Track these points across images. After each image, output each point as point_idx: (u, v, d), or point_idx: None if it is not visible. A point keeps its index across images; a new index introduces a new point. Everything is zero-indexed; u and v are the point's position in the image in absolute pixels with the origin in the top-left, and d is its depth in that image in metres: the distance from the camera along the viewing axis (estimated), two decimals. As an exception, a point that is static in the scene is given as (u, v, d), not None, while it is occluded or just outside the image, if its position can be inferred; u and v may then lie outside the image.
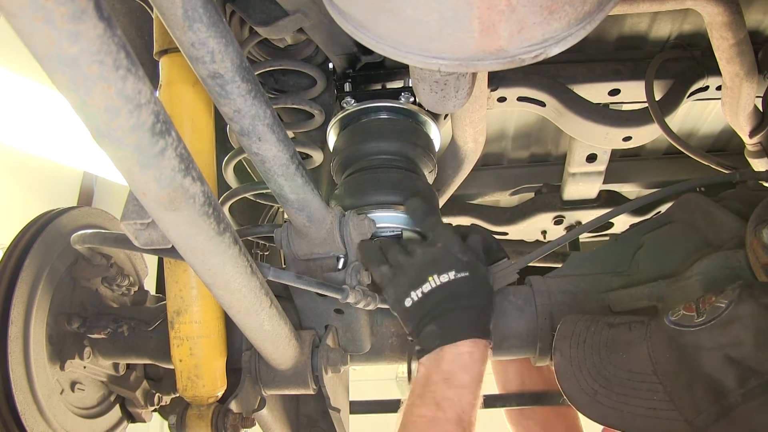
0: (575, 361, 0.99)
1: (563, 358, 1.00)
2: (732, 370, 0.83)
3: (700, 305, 0.92)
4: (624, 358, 0.95)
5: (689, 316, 0.92)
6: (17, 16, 0.44)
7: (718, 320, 0.88)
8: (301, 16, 1.23)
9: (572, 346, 1.01)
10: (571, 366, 0.99)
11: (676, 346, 0.90)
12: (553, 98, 1.74)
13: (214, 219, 0.75)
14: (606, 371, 0.95)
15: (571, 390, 0.97)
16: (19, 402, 1.17)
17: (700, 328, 0.89)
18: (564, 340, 1.03)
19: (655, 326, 0.96)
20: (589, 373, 0.96)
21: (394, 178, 1.35)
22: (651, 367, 0.91)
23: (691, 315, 0.92)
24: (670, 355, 0.90)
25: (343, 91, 1.48)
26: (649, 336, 0.95)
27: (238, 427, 1.18)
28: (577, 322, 1.06)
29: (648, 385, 0.90)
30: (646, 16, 1.68)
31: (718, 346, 0.85)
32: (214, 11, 0.76)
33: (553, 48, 0.72)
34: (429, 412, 0.96)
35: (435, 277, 1.06)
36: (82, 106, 0.53)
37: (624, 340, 0.97)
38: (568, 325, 1.06)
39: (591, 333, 1.02)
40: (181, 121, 1.14)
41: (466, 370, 1.00)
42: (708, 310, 0.90)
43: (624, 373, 0.93)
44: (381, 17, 0.72)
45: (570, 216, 2.28)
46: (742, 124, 1.74)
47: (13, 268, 1.23)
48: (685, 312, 0.93)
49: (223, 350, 1.22)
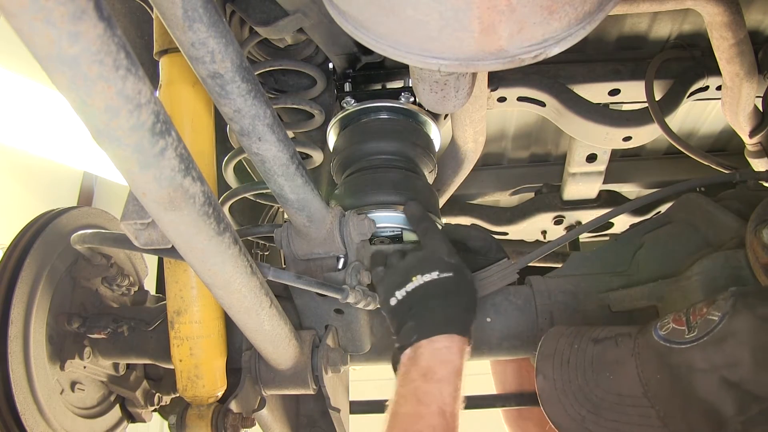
0: (560, 384, 0.93)
1: (546, 382, 0.94)
2: (729, 394, 0.76)
3: (690, 318, 0.85)
4: (611, 380, 0.89)
5: (679, 331, 0.85)
6: (17, 16, 0.44)
7: (710, 336, 0.80)
8: (301, 16, 1.23)
9: (555, 367, 0.95)
10: (556, 390, 0.92)
11: (667, 366, 0.83)
12: (553, 98, 1.74)
13: (214, 219, 0.75)
14: (593, 395, 0.88)
15: (557, 416, 0.91)
16: (19, 402, 1.17)
17: (691, 345, 0.81)
18: (546, 361, 0.97)
19: (644, 342, 0.89)
20: (575, 398, 0.90)
21: (394, 178, 1.35)
22: (641, 389, 0.85)
23: (681, 330, 0.85)
24: (661, 376, 0.84)
25: (343, 91, 1.48)
26: (638, 352, 0.88)
27: (238, 427, 1.18)
28: (560, 338, 1.00)
29: (639, 409, 0.84)
30: (646, 16, 1.68)
31: (712, 367, 0.78)
32: (214, 11, 0.76)
33: (553, 48, 0.72)
34: (411, 407, 0.94)
35: (419, 276, 1.07)
36: (82, 106, 0.53)
37: (610, 359, 0.91)
38: (551, 341, 1.00)
39: (575, 351, 0.96)
40: (181, 121, 1.14)
41: (444, 364, 0.98)
42: (700, 324, 0.83)
43: (612, 397, 0.87)
44: (381, 17, 0.72)
45: (570, 216, 2.28)
46: (742, 124, 1.74)
47: (13, 268, 1.23)
48: (675, 326, 0.86)
49: (223, 350, 1.22)
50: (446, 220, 2.32)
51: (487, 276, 1.21)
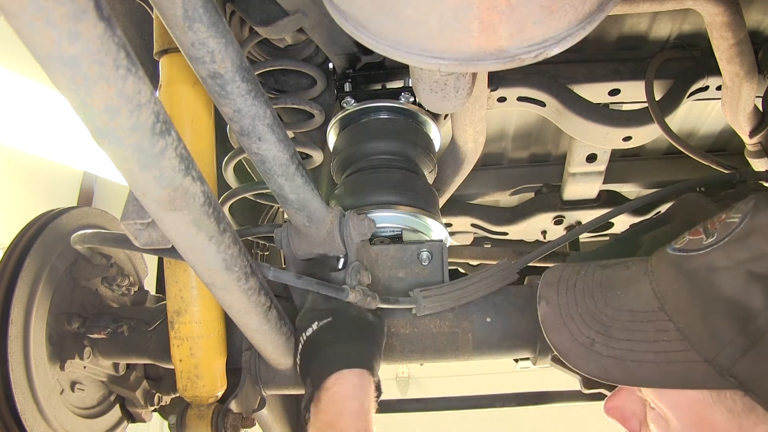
0: (565, 309, 0.84)
1: (550, 307, 0.86)
2: (757, 286, 0.68)
3: (708, 226, 0.78)
4: (623, 297, 0.80)
5: (696, 240, 0.77)
6: (17, 16, 0.44)
7: (732, 235, 0.73)
8: (301, 16, 1.23)
9: (560, 293, 0.86)
10: (561, 315, 0.84)
11: (685, 274, 0.75)
12: (553, 98, 1.74)
13: (214, 219, 0.75)
14: (603, 315, 0.80)
15: (562, 342, 0.82)
16: (19, 402, 1.17)
17: (711, 248, 0.74)
18: (550, 287, 0.88)
19: (657, 259, 0.82)
20: (582, 320, 0.81)
21: (394, 178, 1.35)
22: (657, 303, 0.76)
23: (699, 238, 0.77)
24: (678, 285, 0.75)
25: (343, 91, 1.48)
26: (651, 270, 0.81)
27: (238, 427, 1.18)
28: (564, 268, 0.92)
29: (655, 324, 0.75)
30: (646, 16, 1.68)
31: (737, 262, 0.71)
32: (214, 11, 0.76)
33: (553, 48, 0.72)
34: None
35: (303, 335, 1.07)
36: (82, 106, 0.53)
37: (621, 278, 0.83)
38: (554, 271, 0.92)
39: (582, 276, 0.87)
40: (181, 121, 1.14)
41: (342, 413, 0.95)
42: (719, 228, 0.76)
43: (625, 314, 0.78)
44: (381, 17, 0.72)
45: (570, 216, 2.28)
46: (742, 124, 1.74)
47: (13, 268, 1.23)
48: (691, 237, 0.78)
49: (223, 350, 1.22)
50: (446, 220, 2.32)
51: (487, 276, 1.21)
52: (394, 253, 1.27)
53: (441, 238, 1.34)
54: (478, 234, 2.42)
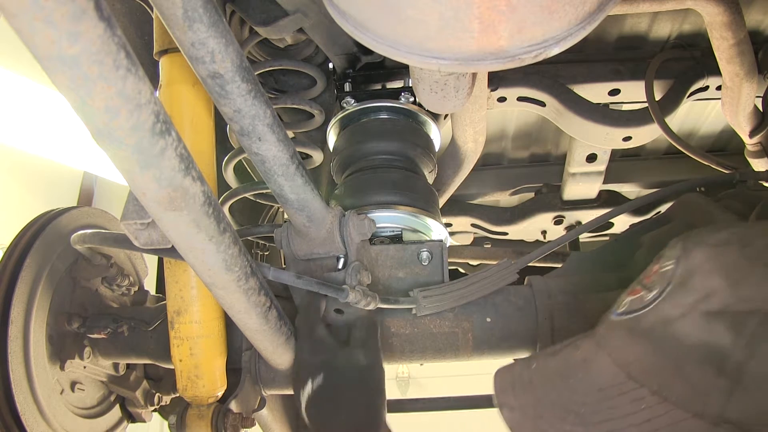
0: (530, 410, 0.78)
1: (514, 412, 0.80)
2: (719, 323, 0.66)
3: (645, 282, 0.76)
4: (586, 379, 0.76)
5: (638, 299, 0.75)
6: (17, 16, 0.44)
7: (673, 283, 0.71)
8: (301, 16, 1.23)
9: (518, 394, 0.81)
10: (528, 416, 0.78)
11: (642, 335, 0.72)
12: (553, 98, 1.74)
13: (214, 219, 0.75)
14: (572, 403, 0.75)
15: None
16: (19, 402, 1.17)
17: (657, 302, 0.72)
18: (505, 393, 0.83)
19: (605, 329, 0.79)
20: (553, 416, 0.76)
21: (394, 178, 1.35)
22: (622, 374, 0.73)
23: (640, 296, 0.75)
24: (639, 349, 0.72)
25: (343, 91, 1.48)
26: (604, 343, 0.78)
27: (238, 427, 1.18)
28: (513, 367, 0.88)
29: (629, 395, 0.71)
30: (646, 16, 1.68)
31: (689, 307, 0.68)
32: (214, 11, 0.76)
33: (553, 48, 0.72)
34: None
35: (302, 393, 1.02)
36: (82, 106, 0.53)
37: (576, 360, 0.79)
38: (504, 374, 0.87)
39: (534, 370, 0.83)
40: (181, 121, 1.14)
41: None
42: (656, 280, 0.74)
43: (593, 396, 0.74)
44: (381, 17, 0.72)
45: (570, 216, 2.28)
46: (742, 124, 1.74)
47: (13, 268, 1.23)
48: (632, 297, 0.77)
49: (223, 350, 1.22)
50: (446, 220, 2.32)
51: (487, 276, 1.21)
52: (394, 253, 1.27)
53: (441, 238, 1.34)
54: (478, 234, 2.42)
